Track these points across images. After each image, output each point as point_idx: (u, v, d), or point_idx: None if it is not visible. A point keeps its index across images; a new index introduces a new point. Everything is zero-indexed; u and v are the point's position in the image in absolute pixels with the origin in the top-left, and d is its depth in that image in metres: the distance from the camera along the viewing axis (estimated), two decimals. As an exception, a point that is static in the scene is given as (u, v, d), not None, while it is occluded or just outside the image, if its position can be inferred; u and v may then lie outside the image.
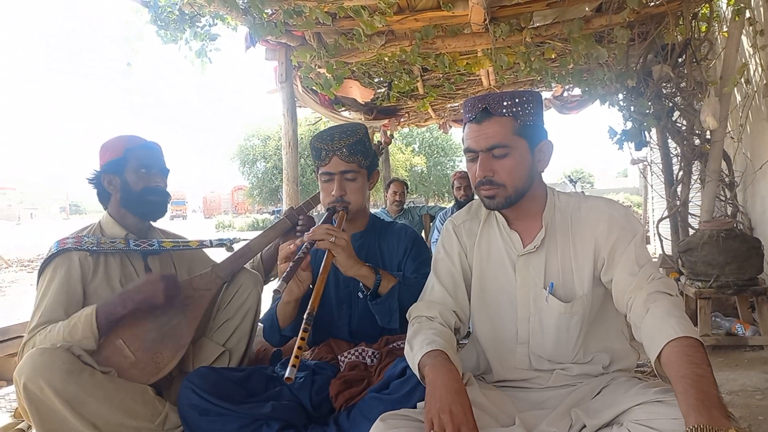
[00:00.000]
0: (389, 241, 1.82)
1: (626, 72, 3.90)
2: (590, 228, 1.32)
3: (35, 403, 1.46)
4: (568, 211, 1.36)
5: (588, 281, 1.31)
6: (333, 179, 1.69)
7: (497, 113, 1.27)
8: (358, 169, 1.71)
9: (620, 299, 1.25)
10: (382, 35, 3.91)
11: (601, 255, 1.30)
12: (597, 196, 1.43)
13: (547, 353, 1.33)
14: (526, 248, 1.34)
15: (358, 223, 1.81)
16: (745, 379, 2.62)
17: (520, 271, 1.35)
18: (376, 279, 1.58)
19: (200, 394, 1.46)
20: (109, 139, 1.90)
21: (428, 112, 6.72)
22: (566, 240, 1.34)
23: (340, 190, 1.68)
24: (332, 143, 1.68)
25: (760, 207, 4.13)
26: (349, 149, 1.68)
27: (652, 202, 8.76)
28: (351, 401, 1.50)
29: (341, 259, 1.53)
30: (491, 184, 1.29)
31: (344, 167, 1.69)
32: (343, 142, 1.68)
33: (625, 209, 1.35)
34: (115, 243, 1.81)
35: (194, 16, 4.13)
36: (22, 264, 11.88)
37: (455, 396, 1.07)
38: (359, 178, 1.72)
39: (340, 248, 1.52)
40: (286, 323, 1.68)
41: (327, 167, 1.70)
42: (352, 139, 1.70)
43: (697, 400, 0.92)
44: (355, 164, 1.70)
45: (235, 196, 50.46)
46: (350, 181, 1.70)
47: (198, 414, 1.45)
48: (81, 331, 1.60)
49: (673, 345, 1.03)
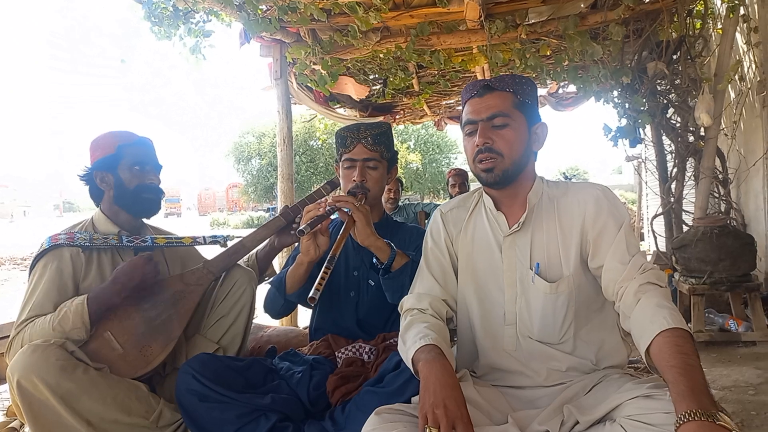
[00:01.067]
0: (400, 236, 1.85)
1: (621, 69, 3.90)
2: (577, 208, 1.32)
3: (29, 399, 1.45)
4: (556, 194, 1.38)
5: (574, 261, 1.31)
6: (355, 165, 1.76)
7: (498, 88, 1.33)
8: (380, 158, 1.78)
9: (609, 287, 1.25)
10: (377, 32, 3.90)
11: (587, 237, 1.30)
12: (584, 182, 1.43)
13: (534, 333, 1.33)
14: (512, 228, 1.35)
15: (373, 215, 1.82)
16: (737, 374, 2.63)
17: (506, 252, 1.36)
18: (391, 253, 1.60)
19: (200, 380, 1.46)
20: (101, 135, 1.87)
21: (423, 109, 6.71)
22: (552, 220, 1.34)
23: (361, 176, 1.75)
24: (358, 132, 1.77)
25: (754, 204, 4.16)
26: (374, 138, 1.76)
27: (646, 199, 8.79)
28: (347, 397, 1.51)
29: (360, 226, 1.57)
30: (490, 152, 1.30)
31: (367, 155, 1.76)
32: (369, 132, 1.77)
33: (611, 193, 1.35)
34: (107, 239, 1.80)
35: (188, 12, 4.10)
36: (15, 262, 11.81)
37: (449, 391, 1.07)
38: (380, 167, 1.79)
39: (361, 214, 1.58)
40: (294, 288, 1.70)
41: (351, 153, 1.76)
42: (377, 131, 1.79)
43: (687, 387, 0.93)
44: (377, 153, 1.77)
45: (230, 193, 50.34)
46: (372, 169, 1.77)
47: (197, 400, 1.45)
48: (71, 321, 1.58)
49: (664, 335, 1.05)
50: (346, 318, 1.80)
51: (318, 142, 24.44)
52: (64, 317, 1.59)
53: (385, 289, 1.64)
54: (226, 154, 28.50)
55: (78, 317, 1.59)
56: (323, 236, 1.62)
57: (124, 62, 6.17)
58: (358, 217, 1.57)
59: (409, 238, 1.85)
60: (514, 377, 1.35)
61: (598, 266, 1.29)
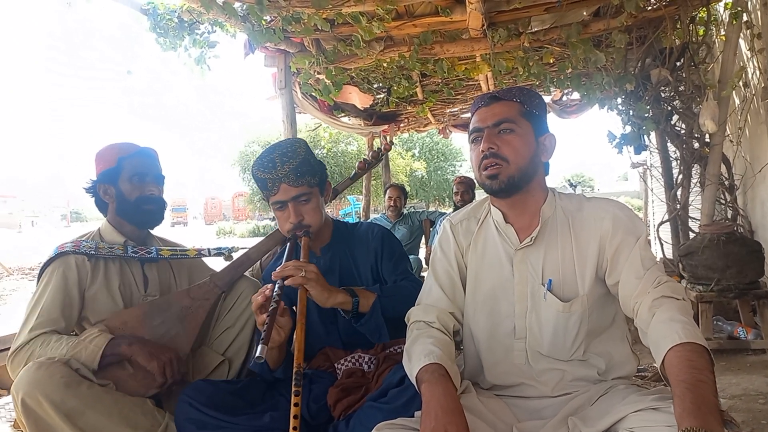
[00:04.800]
0: (358, 246, 1.78)
1: (624, 76, 3.91)
2: (594, 226, 1.31)
3: (33, 417, 1.45)
4: (570, 209, 1.36)
5: (590, 280, 1.29)
6: (286, 206, 1.63)
7: (505, 98, 1.35)
8: (309, 189, 1.64)
9: (627, 304, 1.24)
10: (380, 41, 3.92)
11: (605, 255, 1.29)
12: (598, 197, 1.42)
13: (544, 349, 1.32)
14: (523, 242, 1.34)
15: (323, 236, 1.77)
16: (747, 383, 2.61)
17: (517, 266, 1.34)
18: (353, 302, 1.54)
19: (197, 407, 1.46)
20: (103, 148, 1.89)
21: (428, 117, 6.74)
22: (567, 238, 1.32)
23: (296, 216, 1.62)
24: (275, 171, 1.60)
25: (760, 210, 4.13)
26: (295, 173, 1.60)
27: (652, 205, 8.75)
28: (350, 409, 1.49)
29: (315, 293, 1.48)
30: (495, 157, 1.29)
31: (295, 192, 1.62)
32: (287, 167, 1.60)
33: (628, 209, 1.34)
34: (113, 249, 1.81)
35: (193, 24, 4.14)
36: (23, 272, 11.85)
37: (451, 416, 1.06)
38: (312, 198, 1.66)
39: (312, 281, 1.46)
40: (277, 366, 1.61)
41: (277, 196, 1.63)
42: (296, 162, 1.61)
43: (693, 404, 0.91)
44: (304, 186, 1.63)
45: (235, 202, 50.49)
46: (304, 203, 1.64)
47: (196, 428, 1.45)
48: (85, 357, 1.59)
49: (676, 350, 1.03)
50: (334, 343, 1.75)
51: (323, 151, 24.51)
52: (79, 352, 1.59)
53: (363, 332, 1.58)
54: (232, 164, 28.60)
55: (91, 358, 1.59)
56: (283, 318, 1.47)
57: (130, 73, 6.14)
58: (311, 286, 1.46)
59: (367, 246, 1.76)
60: (520, 388, 1.34)
61: (614, 282, 1.27)
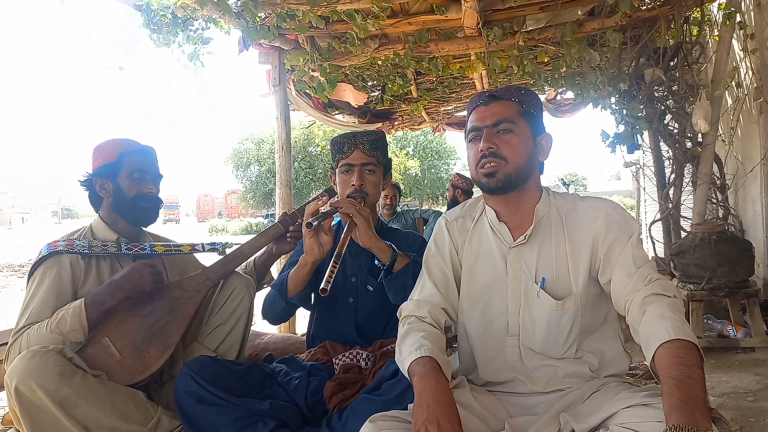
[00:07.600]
0: (396, 243, 1.83)
1: (618, 75, 3.92)
2: (588, 225, 1.32)
3: (27, 405, 1.45)
4: (564, 208, 1.37)
5: (583, 278, 1.31)
6: (353, 170, 1.78)
7: (504, 97, 1.36)
8: (377, 164, 1.81)
9: (618, 301, 1.25)
10: (375, 39, 3.91)
11: (598, 254, 1.30)
12: (592, 196, 1.43)
13: (537, 346, 1.33)
14: (517, 240, 1.35)
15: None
16: (736, 381, 2.63)
17: (511, 264, 1.36)
18: (392, 254, 1.62)
19: (199, 382, 1.46)
20: (103, 142, 1.88)
21: (422, 116, 6.73)
22: (561, 236, 1.34)
23: (359, 180, 1.76)
24: (355, 138, 1.80)
25: (751, 210, 4.17)
26: (371, 144, 1.80)
27: (644, 204, 8.79)
28: (344, 403, 1.50)
29: (362, 228, 1.59)
30: (494, 156, 1.30)
31: (365, 159, 1.78)
32: (365, 138, 1.80)
33: (621, 208, 1.35)
34: (106, 246, 1.80)
35: (187, 20, 4.11)
36: (12, 269, 11.76)
37: (443, 407, 1.06)
38: (377, 172, 1.82)
39: (362, 217, 1.59)
40: (297, 290, 1.68)
41: (348, 159, 1.78)
42: (374, 137, 1.82)
43: (681, 400, 0.92)
44: (374, 158, 1.80)
45: (228, 199, 50.31)
46: (369, 173, 1.79)
47: (195, 401, 1.44)
48: (69, 323, 1.58)
49: (666, 347, 1.03)
50: (345, 324, 1.80)
51: (317, 149, 24.47)
52: (62, 320, 1.59)
53: (387, 290, 1.65)
54: (225, 161, 28.50)
55: (76, 319, 1.59)
56: (326, 235, 1.61)
57: (122, 69, 6.12)
58: (359, 220, 1.58)
59: (405, 243, 1.86)
60: (513, 384, 1.35)
61: (607, 281, 1.28)
